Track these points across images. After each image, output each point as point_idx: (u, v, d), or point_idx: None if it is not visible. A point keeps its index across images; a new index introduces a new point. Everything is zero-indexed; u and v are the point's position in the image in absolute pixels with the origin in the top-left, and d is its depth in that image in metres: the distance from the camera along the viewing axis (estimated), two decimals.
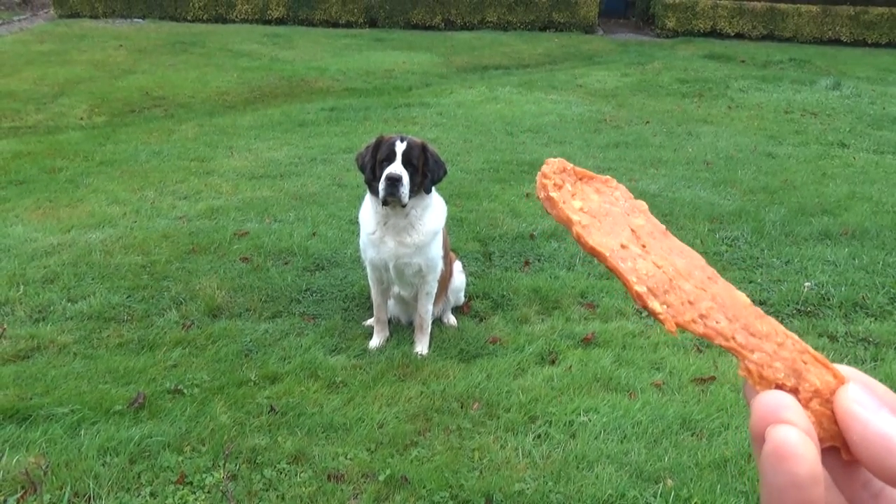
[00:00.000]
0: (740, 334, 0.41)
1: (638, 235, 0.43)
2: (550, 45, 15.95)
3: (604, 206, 0.44)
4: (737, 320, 0.41)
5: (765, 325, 0.41)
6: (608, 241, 0.42)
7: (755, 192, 6.45)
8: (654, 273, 0.42)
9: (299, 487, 2.54)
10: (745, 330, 0.41)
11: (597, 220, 0.43)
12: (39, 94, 9.93)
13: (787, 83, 12.17)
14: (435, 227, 3.43)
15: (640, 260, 0.42)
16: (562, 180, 0.44)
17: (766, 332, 0.41)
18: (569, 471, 2.66)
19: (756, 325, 0.41)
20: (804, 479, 0.34)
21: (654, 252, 0.43)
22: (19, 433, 2.76)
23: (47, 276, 4.26)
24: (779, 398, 0.37)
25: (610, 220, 0.43)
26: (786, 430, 0.35)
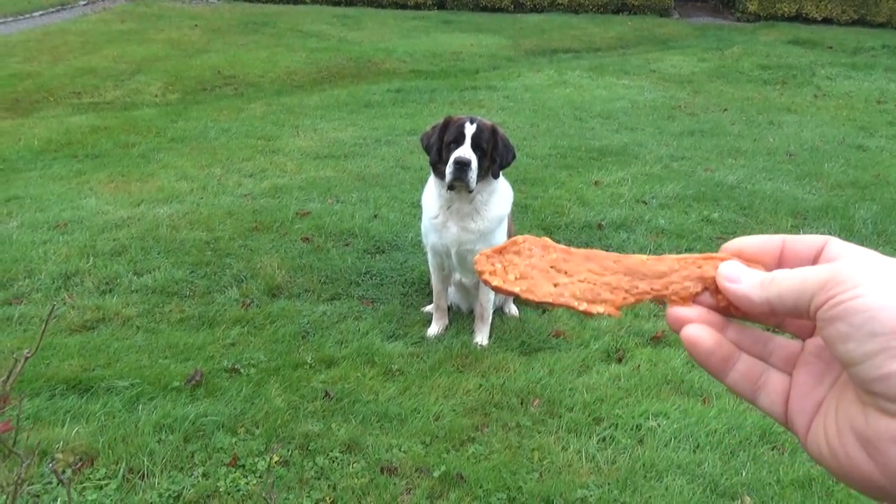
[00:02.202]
0: (654, 284, 0.52)
1: (558, 269, 0.53)
2: (623, 28, 15.39)
3: (526, 264, 0.53)
4: (647, 276, 0.53)
5: (665, 265, 0.53)
6: (546, 289, 0.52)
7: (843, 187, 6.01)
8: (583, 289, 0.52)
9: (351, 478, 2.46)
10: (656, 279, 0.52)
11: (530, 279, 0.53)
12: (118, 71, 10.23)
13: (879, 71, 11.35)
14: (500, 214, 3.27)
15: (569, 286, 0.52)
16: (492, 264, 0.53)
17: (669, 268, 0.53)
18: (636, 479, 2.49)
19: (661, 269, 0.53)
20: (706, 352, 0.50)
21: (573, 273, 0.53)
22: (80, 404, 2.79)
23: (116, 249, 4.33)
24: (678, 311, 0.51)
25: (536, 272, 0.53)
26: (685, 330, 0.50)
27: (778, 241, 0.51)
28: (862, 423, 0.42)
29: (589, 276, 0.53)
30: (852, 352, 0.41)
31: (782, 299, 0.46)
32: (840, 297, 0.42)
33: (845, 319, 0.41)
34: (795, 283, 0.45)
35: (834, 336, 0.42)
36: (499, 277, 0.52)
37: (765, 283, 0.48)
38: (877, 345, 0.40)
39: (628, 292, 0.52)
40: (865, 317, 0.40)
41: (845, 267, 0.43)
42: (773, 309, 0.47)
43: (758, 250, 0.51)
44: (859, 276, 0.42)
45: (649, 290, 0.52)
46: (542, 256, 0.54)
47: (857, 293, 0.41)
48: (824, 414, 0.46)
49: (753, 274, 0.49)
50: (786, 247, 0.51)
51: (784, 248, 0.51)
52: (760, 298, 0.47)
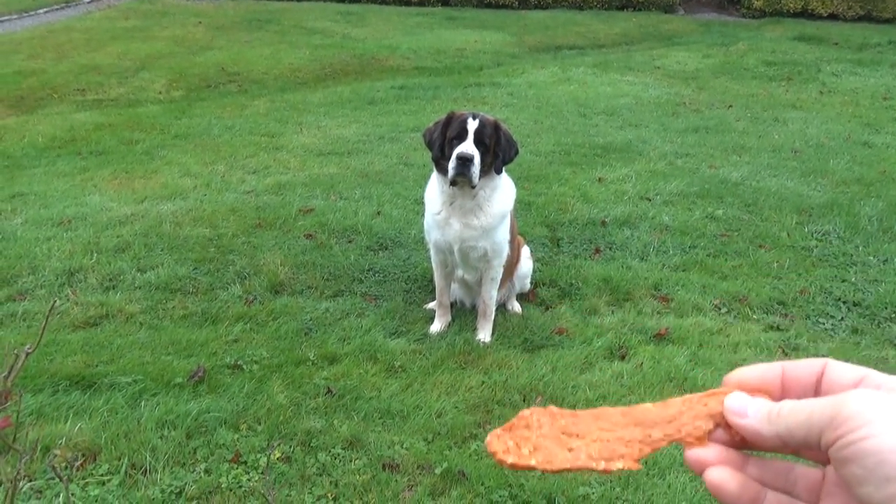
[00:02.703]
0: (667, 429, 0.52)
1: (569, 433, 0.53)
2: (628, 24, 15.34)
3: (537, 436, 0.53)
4: (657, 424, 0.53)
5: (673, 409, 0.53)
6: (562, 457, 0.52)
7: (848, 184, 5.98)
8: (598, 448, 0.52)
9: (353, 475, 2.46)
10: (667, 424, 0.53)
11: (543, 449, 0.53)
12: (122, 68, 10.25)
13: (885, 67, 11.29)
14: (503, 210, 3.26)
15: (584, 449, 0.52)
16: (504, 443, 0.53)
17: (678, 411, 0.53)
18: (638, 477, 2.48)
19: (671, 413, 0.53)
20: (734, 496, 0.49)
21: (585, 435, 0.53)
22: (83, 400, 2.79)
23: (119, 246, 4.34)
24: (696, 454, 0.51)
25: (549, 441, 0.53)
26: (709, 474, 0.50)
27: (777, 369, 0.51)
28: None
29: (601, 435, 0.53)
30: (871, 495, 0.41)
31: (792, 434, 0.46)
32: (849, 437, 0.42)
33: (858, 462, 0.41)
34: (802, 418, 0.45)
35: (850, 478, 0.42)
36: (512, 455, 0.53)
37: (772, 418, 0.48)
38: (894, 489, 0.40)
39: (643, 443, 0.52)
40: (878, 460, 0.40)
41: (850, 403, 0.43)
42: (784, 443, 0.47)
43: (759, 381, 0.51)
44: (866, 415, 0.42)
45: (663, 437, 0.52)
46: (551, 425, 0.54)
47: (866, 433, 0.41)
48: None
49: (760, 406, 0.49)
50: (786, 374, 0.51)
51: (784, 375, 0.51)
52: (770, 433, 0.48)
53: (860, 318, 3.84)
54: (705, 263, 4.38)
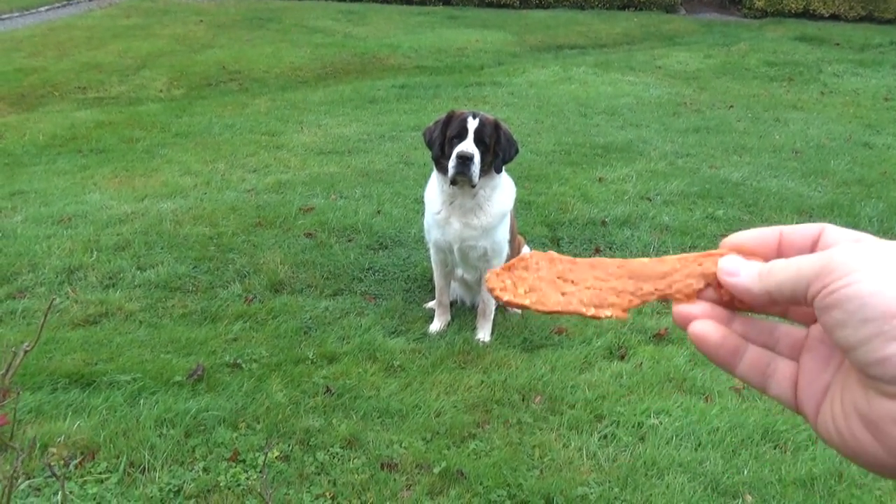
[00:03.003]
0: (658, 284, 0.53)
1: (565, 279, 0.55)
2: (629, 24, 15.33)
3: (534, 278, 0.55)
4: (651, 278, 0.54)
5: (667, 265, 0.54)
6: (554, 299, 0.54)
7: (849, 185, 5.97)
8: (590, 295, 0.54)
9: (351, 474, 2.46)
10: (659, 279, 0.54)
11: (539, 290, 0.54)
12: (123, 66, 10.25)
13: (887, 68, 11.27)
14: (503, 209, 3.26)
15: (577, 294, 0.54)
16: (502, 281, 0.55)
17: (671, 268, 0.54)
18: (637, 477, 2.48)
19: (665, 269, 0.54)
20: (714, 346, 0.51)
21: (580, 281, 0.55)
22: (83, 398, 2.79)
23: (119, 244, 4.34)
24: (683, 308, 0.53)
25: (544, 283, 0.55)
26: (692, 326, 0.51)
27: (775, 233, 0.52)
28: (864, 405, 0.43)
29: (595, 283, 0.54)
30: (848, 338, 0.42)
31: (780, 289, 0.47)
32: (833, 285, 0.43)
33: (840, 307, 0.42)
34: (791, 272, 0.46)
35: (831, 323, 0.43)
36: (509, 292, 0.54)
37: (763, 275, 0.49)
38: (870, 330, 0.41)
39: (633, 294, 0.54)
40: (858, 303, 0.42)
41: (838, 254, 0.44)
42: (772, 299, 0.48)
43: (756, 243, 0.52)
44: (852, 263, 0.43)
45: (654, 291, 0.53)
46: (548, 269, 0.55)
47: (850, 280, 0.42)
48: (831, 397, 0.47)
49: (752, 266, 0.50)
50: (783, 238, 0.52)
51: (781, 239, 0.52)
52: (760, 289, 0.49)
53: None
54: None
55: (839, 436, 0.46)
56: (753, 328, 0.52)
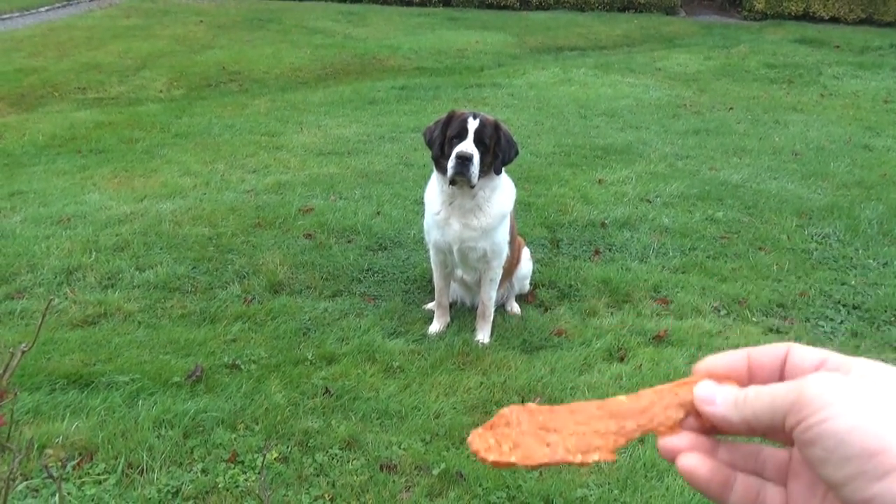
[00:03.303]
0: (640, 420, 0.54)
1: (547, 429, 0.55)
2: (629, 26, 15.33)
3: (517, 432, 0.55)
4: (631, 415, 0.54)
5: (645, 400, 0.55)
6: (540, 452, 0.54)
7: (849, 187, 5.97)
8: (575, 442, 0.54)
9: (350, 475, 2.45)
10: (640, 415, 0.54)
11: (523, 447, 0.54)
12: (123, 66, 10.24)
13: (887, 71, 11.28)
14: (503, 211, 3.26)
15: (561, 443, 0.54)
16: (486, 441, 0.55)
17: (650, 402, 0.55)
18: (636, 479, 2.47)
19: (643, 405, 0.55)
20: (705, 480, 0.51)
21: (562, 429, 0.55)
22: (81, 399, 2.79)
23: (118, 244, 4.33)
24: (668, 442, 0.52)
25: (527, 437, 0.55)
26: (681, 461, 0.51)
27: (743, 356, 0.53)
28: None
29: (577, 429, 0.55)
30: (831, 476, 0.43)
31: (758, 418, 0.48)
32: (809, 420, 0.43)
33: (819, 444, 0.43)
34: (766, 402, 0.47)
35: (813, 460, 0.44)
36: (494, 452, 0.54)
37: (739, 404, 0.49)
38: (852, 469, 0.41)
39: (617, 434, 0.54)
40: (836, 441, 0.42)
41: (810, 387, 0.45)
42: (751, 427, 0.49)
43: (727, 368, 0.53)
44: (826, 397, 0.43)
45: (637, 428, 0.54)
46: (529, 422, 0.56)
47: (825, 416, 0.43)
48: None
49: (727, 393, 0.51)
50: (751, 361, 0.52)
51: (750, 362, 0.53)
52: (738, 419, 0.49)
53: (860, 322, 3.83)
54: (705, 265, 4.37)
55: None
56: (739, 454, 0.52)
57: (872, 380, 0.45)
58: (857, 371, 0.46)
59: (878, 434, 0.41)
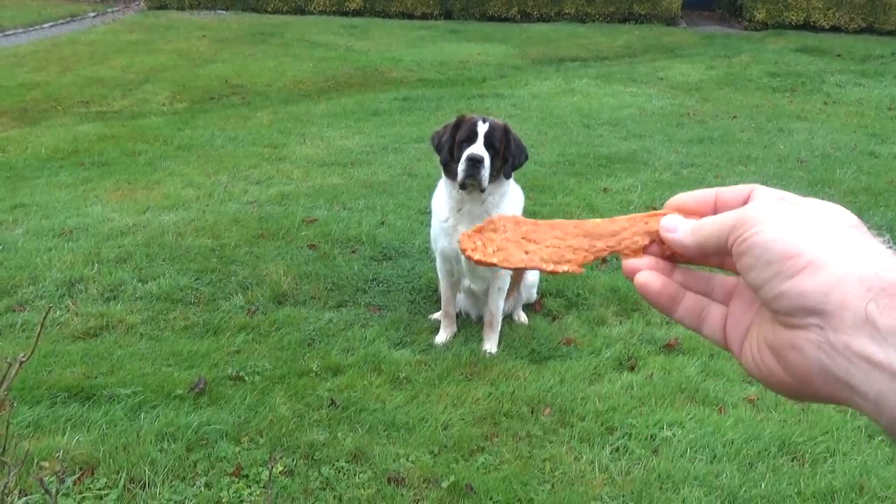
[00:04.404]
0: (609, 241, 0.59)
1: (528, 239, 0.61)
2: (630, 37, 15.36)
3: (502, 238, 0.61)
4: (603, 236, 0.60)
5: (617, 224, 0.60)
6: (518, 257, 0.60)
7: (856, 194, 5.92)
8: (550, 253, 0.60)
9: (357, 489, 2.39)
10: (610, 237, 0.59)
11: (506, 250, 0.60)
12: (126, 80, 10.26)
13: (890, 78, 11.26)
14: None
15: (538, 252, 0.60)
16: (473, 242, 0.61)
17: (621, 227, 0.59)
18: (651, 491, 2.41)
19: (614, 228, 0.60)
20: (655, 293, 0.58)
21: (541, 241, 0.60)
22: (82, 412, 2.73)
23: (121, 256, 4.29)
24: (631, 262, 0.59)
25: (510, 244, 0.60)
26: (637, 276, 0.58)
27: (712, 194, 0.58)
28: (771, 336, 0.50)
29: (554, 242, 0.60)
30: (755, 279, 0.49)
31: (708, 241, 0.54)
32: (744, 234, 0.49)
33: (749, 253, 0.49)
34: (716, 227, 0.53)
35: (743, 268, 0.50)
36: (479, 252, 0.60)
37: (694, 230, 0.55)
38: (772, 270, 0.47)
39: (588, 251, 0.59)
40: (762, 248, 0.48)
41: (751, 209, 0.51)
42: (703, 251, 0.55)
43: (695, 204, 0.58)
44: (760, 216, 0.49)
45: (605, 248, 0.59)
46: (514, 230, 0.61)
47: (757, 230, 0.48)
48: (751, 334, 0.54)
49: (687, 223, 0.56)
50: (718, 198, 0.57)
51: (717, 199, 0.57)
52: (693, 242, 0.55)
53: None
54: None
55: (756, 366, 0.52)
56: (692, 278, 0.59)
57: (808, 207, 0.50)
58: (803, 203, 0.51)
59: (795, 242, 0.47)
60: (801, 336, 0.47)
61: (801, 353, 0.47)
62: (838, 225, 0.48)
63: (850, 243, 0.47)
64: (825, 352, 0.46)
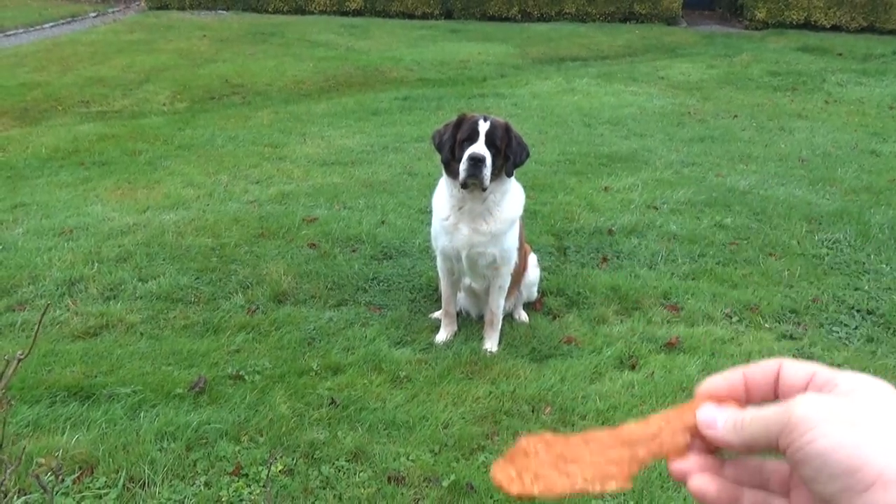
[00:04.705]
0: (651, 446, 0.56)
1: (564, 459, 0.57)
2: (631, 36, 15.35)
3: (536, 463, 0.57)
4: (642, 441, 0.57)
5: (654, 426, 0.57)
6: (561, 483, 0.56)
7: (858, 192, 5.91)
8: (592, 473, 0.56)
9: (358, 488, 2.38)
10: (650, 441, 0.57)
11: (545, 477, 0.56)
12: (126, 80, 10.26)
13: (891, 77, 11.25)
14: (513, 215, 3.21)
15: (580, 473, 0.56)
16: (508, 474, 0.57)
17: (658, 428, 0.57)
18: (652, 490, 2.40)
19: (652, 431, 0.57)
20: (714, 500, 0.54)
21: (579, 459, 0.57)
22: (81, 411, 2.73)
23: (121, 255, 4.29)
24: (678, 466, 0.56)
25: (547, 469, 0.57)
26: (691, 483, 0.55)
27: (740, 375, 0.56)
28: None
29: (592, 459, 0.57)
30: (822, 492, 0.46)
31: (756, 441, 0.51)
32: (798, 442, 0.47)
33: (807, 464, 0.46)
34: (761, 426, 0.50)
35: (805, 478, 0.47)
36: (516, 484, 0.57)
37: (737, 428, 0.53)
38: (839, 485, 0.45)
39: (631, 461, 0.57)
40: (822, 461, 0.45)
41: (798, 409, 0.48)
42: (751, 449, 0.53)
43: (727, 389, 0.56)
44: (810, 420, 0.47)
45: (648, 454, 0.57)
46: (547, 452, 0.58)
47: (812, 437, 0.46)
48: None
49: (727, 417, 0.54)
50: (747, 380, 0.55)
51: (746, 381, 0.55)
52: (738, 441, 0.53)
53: (875, 327, 3.76)
54: (715, 272, 4.31)
55: None
56: (744, 470, 0.56)
57: (854, 396, 0.48)
58: (842, 387, 0.49)
59: (858, 450, 0.44)
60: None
61: None
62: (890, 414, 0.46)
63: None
64: None
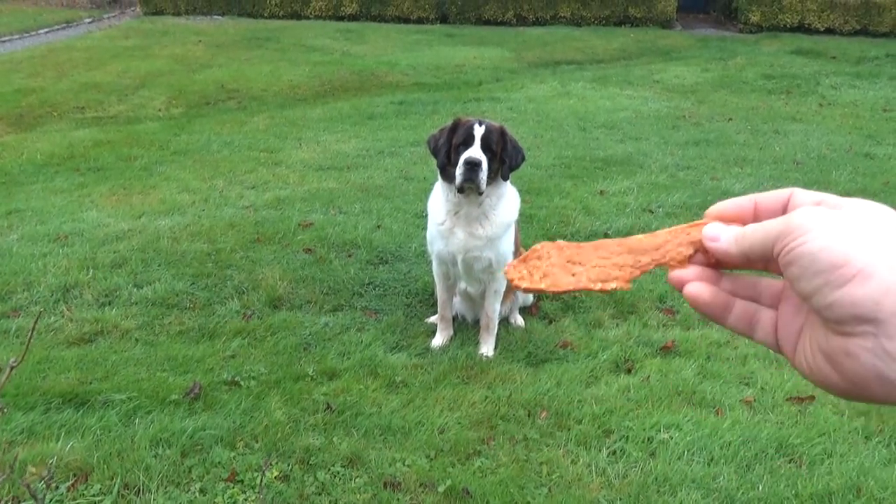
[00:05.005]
0: (654, 255, 0.60)
1: (573, 262, 0.62)
2: (626, 40, 15.40)
3: (547, 265, 0.62)
4: (647, 250, 0.60)
5: (660, 238, 0.61)
6: (566, 280, 0.61)
7: (852, 195, 5.65)
8: (596, 273, 0.61)
9: (353, 494, 2.38)
10: (654, 251, 0.60)
11: (553, 275, 0.61)
12: (122, 86, 10.25)
13: (884, 80, 11.30)
14: (509, 220, 3.21)
15: (584, 273, 0.61)
16: (519, 272, 0.62)
17: (664, 240, 0.60)
18: (648, 494, 2.40)
19: (658, 242, 0.60)
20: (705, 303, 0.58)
21: (586, 262, 0.62)
22: (76, 418, 2.72)
23: (116, 261, 4.28)
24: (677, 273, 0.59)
25: (556, 269, 0.62)
26: (686, 288, 0.59)
27: (751, 201, 0.58)
28: (824, 342, 0.50)
29: (599, 262, 0.61)
30: (804, 288, 0.49)
31: (753, 249, 0.54)
32: (790, 244, 0.49)
33: (796, 263, 0.49)
34: (760, 235, 0.53)
35: (791, 277, 0.50)
36: (526, 280, 0.61)
37: (738, 238, 0.55)
38: (820, 280, 0.47)
39: (633, 266, 0.60)
40: (810, 259, 0.48)
41: (796, 217, 0.50)
42: (748, 259, 0.55)
43: (735, 211, 0.58)
44: (806, 224, 0.49)
45: (651, 262, 0.60)
46: (558, 256, 0.62)
47: (804, 239, 0.48)
48: (803, 337, 0.54)
49: (730, 231, 0.56)
50: (758, 204, 0.58)
51: (756, 206, 0.58)
52: (737, 251, 0.55)
53: None
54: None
55: (809, 370, 0.52)
56: (739, 285, 0.59)
57: (852, 211, 0.50)
58: (846, 208, 0.51)
59: (843, 250, 0.47)
60: (855, 343, 0.47)
61: (855, 360, 0.47)
62: (885, 227, 0.48)
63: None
64: (880, 358, 0.46)
